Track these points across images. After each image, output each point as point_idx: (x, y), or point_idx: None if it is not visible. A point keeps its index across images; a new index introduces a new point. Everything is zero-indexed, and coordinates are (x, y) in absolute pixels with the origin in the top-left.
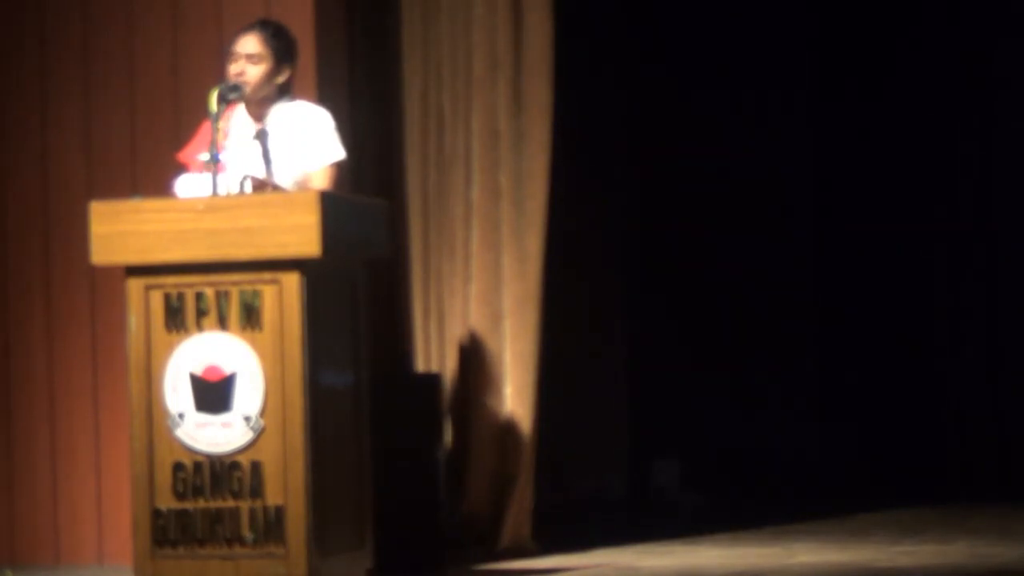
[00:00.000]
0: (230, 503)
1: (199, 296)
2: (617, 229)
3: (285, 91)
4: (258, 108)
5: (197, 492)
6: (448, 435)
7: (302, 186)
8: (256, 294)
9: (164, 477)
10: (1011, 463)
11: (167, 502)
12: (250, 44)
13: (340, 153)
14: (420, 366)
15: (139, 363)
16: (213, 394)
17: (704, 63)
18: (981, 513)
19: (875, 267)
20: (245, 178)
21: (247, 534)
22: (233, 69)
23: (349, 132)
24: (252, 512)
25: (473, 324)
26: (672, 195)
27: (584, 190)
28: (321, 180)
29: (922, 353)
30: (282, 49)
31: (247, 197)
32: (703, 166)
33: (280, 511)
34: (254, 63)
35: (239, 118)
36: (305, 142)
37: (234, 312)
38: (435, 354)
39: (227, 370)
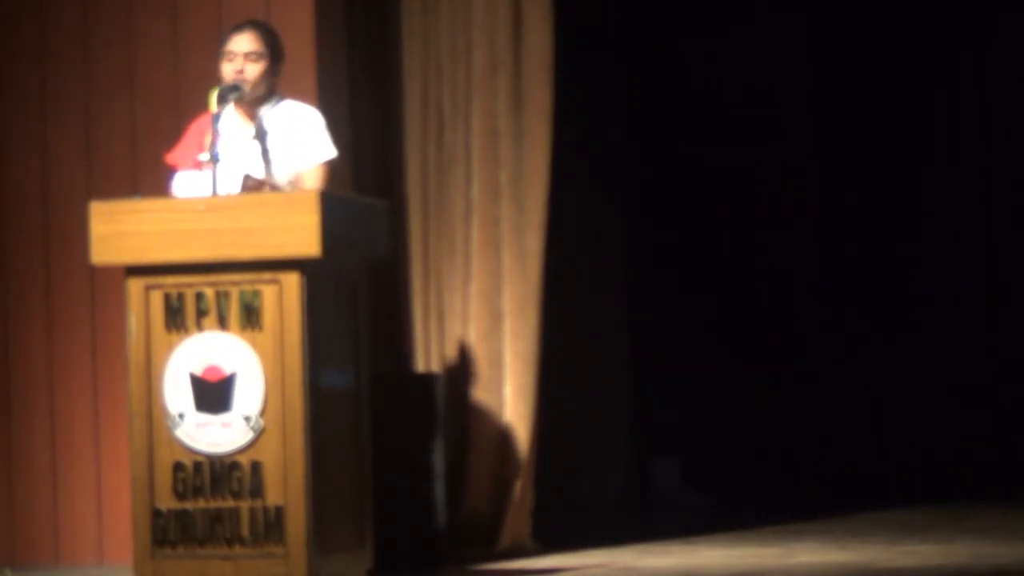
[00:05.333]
0: (230, 503)
1: (199, 296)
2: (618, 227)
3: (274, 90)
4: (249, 108)
5: (197, 492)
6: (448, 435)
7: (294, 185)
8: (256, 294)
9: (164, 477)
10: (1011, 463)
11: (167, 502)
12: (248, 42)
13: (332, 152)
14: (420, 366)
15: (139, 363)
16: (213, 394)
17: (703, 52)
18: (981, 513)
19: (875, 266)
20: (246, 178)
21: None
22: (231, 68)
23: (349, 132)
24: (252, 512)
25: (473, 324)
26: (672, 194)
27: (584, 189)
28: (313, 179)
29: (922, 353)
30: (276, 47)
31: (247, 197)
32: (705, 164)
33: (280, 511)
34: (253, 61)
35: (230, 118)
36: (297, 141)
37: (234, 312)
38: (435, 354)
39: (227, 370)
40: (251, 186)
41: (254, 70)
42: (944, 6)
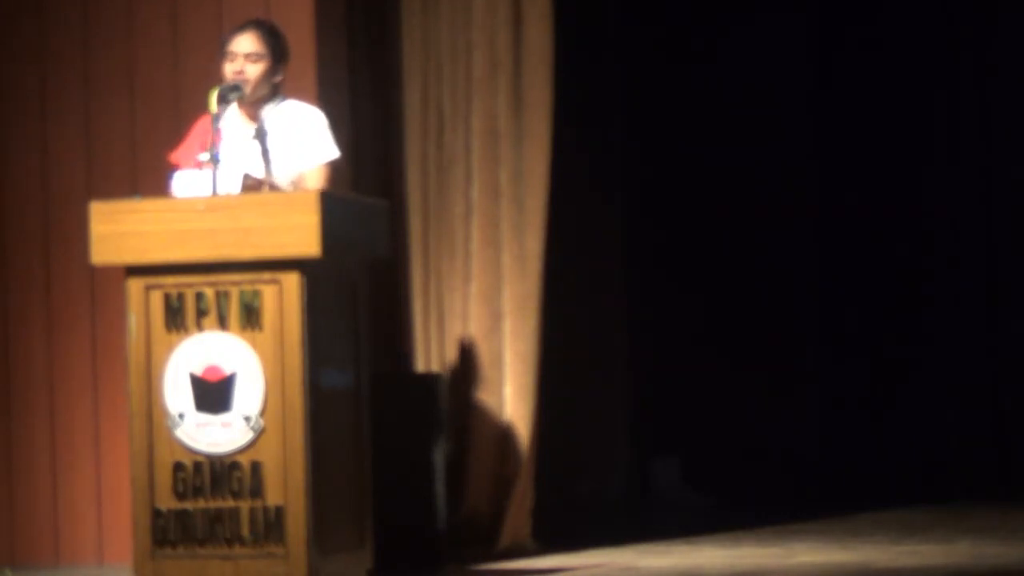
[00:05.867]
0: (230, 503)
1: (199, 296)
2: (618, 227)
3: (278, 91)
4: (252, 108)
5: (197, 492)
6: (448, 435)
7: (296, 185)
8: (256, 294)
9: (164, 477)
10: (1011, 463)
11: (167, 502)
12: (249, 43)
13: (334, 152)
14: (420, 366)
15: (139, 363)
16: (213, 394)
17: (703, 52)
18: (981, 513)
19: (875, 266)
20: (245, 177)
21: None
22: (231, 68)
23: (349, 132)
24: (252, 512)
25: (473, 324)
26: (672, 194)
27: (584, 189)
28: (315, 179)
29: (922, 353)
30: (279, 48)
31: (247, 197)
32: (705, 164)
33: (280, 511)
34: (253, 62)
35: (233, 118)
36: (299, 141)
37: (234, 312)
38: (435, 354)
39: (227, 370)
40: (251, 185)
41: (254, 71)
42: (944, 6)
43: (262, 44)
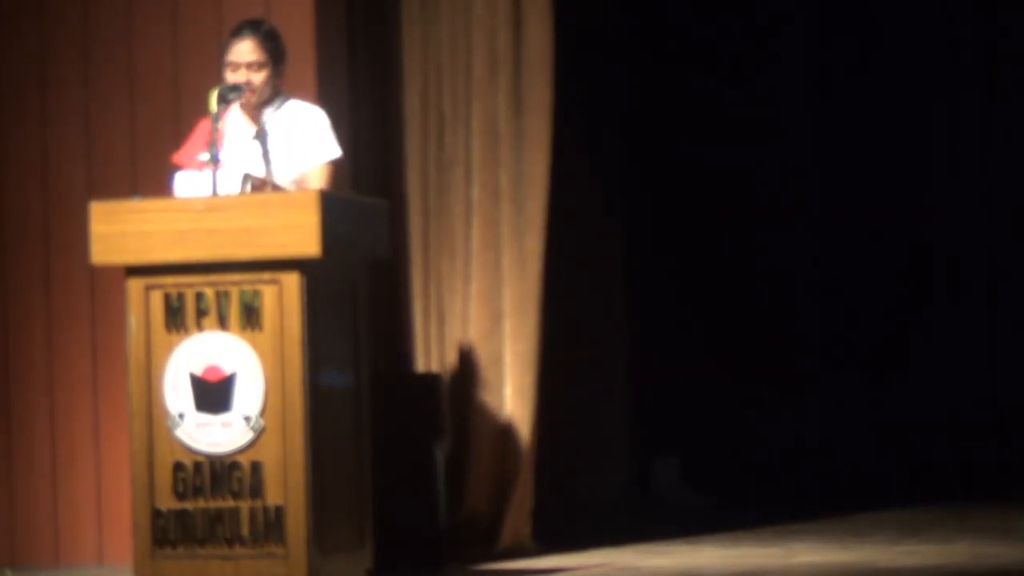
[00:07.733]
0: (230, 503)
1: (199, 296)
2: (618, 228)
3: (278, 90)
4: (254, 108)
5: (197, 492)
6: (448, 435)
7: (299, 185)
8: (256, 294)
9: (164, 477)
10: (1011, 463)
11: (167, 502)
12: (248, 52)
13: (336, 151)
14: (420, 366)
15: (139, 363)
16: (213, 394)
17: (703, 52)
18: (981, 513)
19: (875, 267)
20: (246, 178)
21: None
22: (235, 78)
23: (349, 132)
24: (252, 512)
25: (473, 324)
26: (673, 193)
27: (584, 189)
28: (318, 179)
29: (922, 353)
30: (277, 50)
31: (247, 197)
32: (705, 165)
33: (280, 511)
34: (255, 70)
35: (235, 118)
36: (301, 141)
37: (234, 312)
38: (435, 354)
39: (227, 370)
40: (256, 186)
41: (258, 78)
42: (944, 5)
43: (262, 51)
